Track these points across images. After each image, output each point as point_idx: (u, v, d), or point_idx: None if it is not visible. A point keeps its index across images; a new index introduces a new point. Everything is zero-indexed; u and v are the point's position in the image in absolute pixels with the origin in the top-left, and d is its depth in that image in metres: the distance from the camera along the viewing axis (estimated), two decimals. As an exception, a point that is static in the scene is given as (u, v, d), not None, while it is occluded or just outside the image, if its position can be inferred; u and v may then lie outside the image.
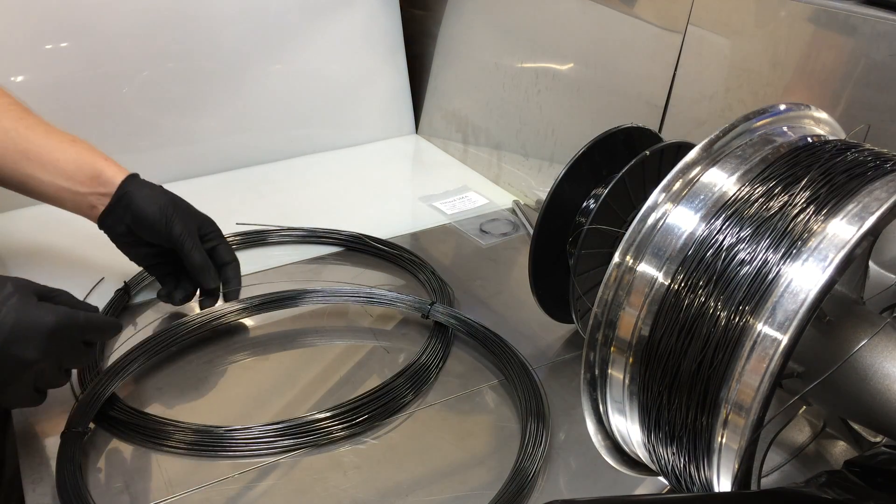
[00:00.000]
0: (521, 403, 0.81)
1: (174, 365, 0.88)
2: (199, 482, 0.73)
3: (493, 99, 1.32)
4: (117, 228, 0.89)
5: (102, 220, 0.90)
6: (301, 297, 0.96)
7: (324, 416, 0.79)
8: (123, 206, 0.88)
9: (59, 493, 0.70)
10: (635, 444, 0.58)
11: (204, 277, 0.90)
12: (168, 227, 0.88)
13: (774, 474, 0.62)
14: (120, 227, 0.89)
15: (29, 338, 0.67)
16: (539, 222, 0.84)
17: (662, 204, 0.54)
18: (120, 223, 0.89)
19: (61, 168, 0.88)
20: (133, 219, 0.88)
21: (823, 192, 0.50)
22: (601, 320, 0.56)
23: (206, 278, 0.90)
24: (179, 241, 0.88)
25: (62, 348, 0.70)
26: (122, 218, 0.88)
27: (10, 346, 0.66)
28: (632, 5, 1.03)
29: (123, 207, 0.88)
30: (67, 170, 0.88)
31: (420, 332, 0.94)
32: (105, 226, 0.90)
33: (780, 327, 0.46)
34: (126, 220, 0.88)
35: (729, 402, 0.48)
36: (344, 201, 1.27)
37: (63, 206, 0.91)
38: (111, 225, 0.90)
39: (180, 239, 0.88)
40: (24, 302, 0.67)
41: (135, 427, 0.77)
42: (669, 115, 0.99)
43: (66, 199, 0.89)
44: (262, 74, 1.33)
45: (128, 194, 0.88)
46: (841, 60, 0.79)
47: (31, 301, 0.68)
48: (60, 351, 0.70)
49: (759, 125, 0.57)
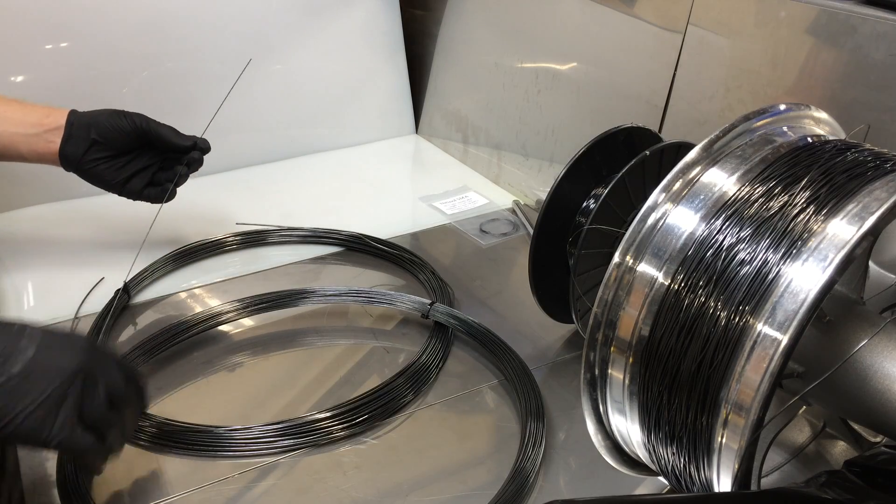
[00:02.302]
0: (521, 404, 0.81)
1: (174, 365, 0.88)
2: (199, 482, 0.73)
3: (493, 99, 1.32)
4: (79, 151, 0.92)
5: (63, 152, 0.92)
6: (301, 297, 0.96)
7: (324, 416, 0.79)
8: (80, 127, 0.92)
9: (60, 493, 0.70)
10: (635, 444, 0.58)
11: (177, 139, 0.96)
12: (125, 118, 0.93)
13: (774, 474, 0.62)
14: (81, 149, 0.92)
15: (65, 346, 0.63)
16: (539, 222, 0.84)
17: (662, 204, 0.54)
18: (81, 143, 0.92)
19: (9, 118, 0.91)
20: (95, 130, 0.92)
21: (823, 192, 0.50)
22: (601, 320, 0.56)
23: (180, 138, 0.96)
24: (144, 125, 0.93)
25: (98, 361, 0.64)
26: (85, 135, 0.92)
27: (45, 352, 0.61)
28: (632, 5, 1.03)
29: (80, 127, 0.92)
30: (15, 118, 0.91)
31: (420, 332, 0.94)
32: (67, 156, 0.92)
33: (780, 327, 0.46)
34: (90, 135, 0.92)
35: (729, 402, 0.48)
36: (344, 201, 1.27)
37: (21, 155, 0.93)
38: (73, 150, 0.92)
39: (143, 123, 0.93)
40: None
41: (135, 427, 0.77)
42: (669, 115, 0.99)
43: (20, 144, 0.92)
44: (262, 74, 1.33)
45: (78, 117, 0.92)
46: (841, 60, 0.79)
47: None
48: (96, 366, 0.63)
49: (759, 125, 0.57)
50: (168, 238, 1.10)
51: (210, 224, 1.15)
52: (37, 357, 0.60)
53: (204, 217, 1.18)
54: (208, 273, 1.05)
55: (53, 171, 0.93)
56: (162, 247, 1.07)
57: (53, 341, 0.62)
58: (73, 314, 0.95)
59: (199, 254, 1.08)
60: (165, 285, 1.02)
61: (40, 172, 1.18)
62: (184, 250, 1.07)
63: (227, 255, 1.09)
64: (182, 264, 1.06)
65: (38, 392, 0.59)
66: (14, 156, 0.93)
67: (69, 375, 0.61)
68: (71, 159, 0.92)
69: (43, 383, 0.60)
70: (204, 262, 1.08)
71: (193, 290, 0.98)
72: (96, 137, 0.92)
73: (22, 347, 0.60)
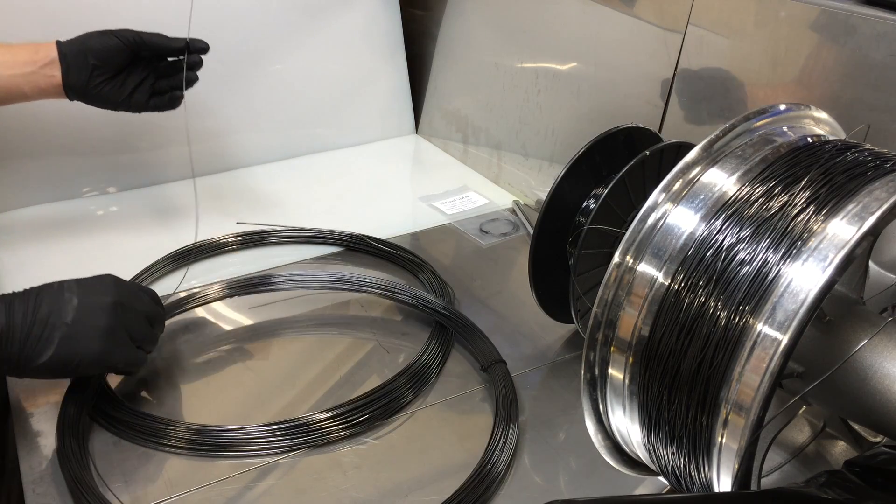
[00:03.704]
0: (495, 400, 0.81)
1: (174, 365, 0.88)
2: (199, 482, 0.73)
3: (493, 99, 1.32)
4: (83, 79, 0.93)
5: (68, 82, 0.93)
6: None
7: (324, 416, 0.79)
8: (76, 55, 0.93)
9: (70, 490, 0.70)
10: (635, 444, 0.58)
11: (169, 42, 0.97)
12: (115, 36, 0.94)
13: (774, 474, 0.62)
14: (84, 77, 0.93)
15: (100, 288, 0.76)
16: (539, 222, 0.84)
17: (662, 204, 0.54)
18: (83, 71, 0.93)
19: (2, 62, 0.92)
20: (92, 54, 0.93)
21: (823, 192, 0.50)
22: (601, 320, 0.56)
23: (170, 41, 0.98)
24: (135, 38, 0.95)
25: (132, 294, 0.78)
26: (84, 62, 0.93)
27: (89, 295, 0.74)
28: (632, 5, 1.03)
29: (76, 56, 0.93)
30: (5, 60, 0.92)
31: (420, 332, 0.93)
32: (72, 86, 0.93)
33: (780, 327, 0.46)
34: (90, 61, 0.93)
35: (729, 402, 0.48)
36: (344, 201, 1.27)
37: (24, 94, 0.94)
38: (77, 80, 0.93)
39: (134, 36, 0.95)
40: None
41: (135, 427, 0.77)
42: (669, 115, 0.99)
43: (22, 84, 0.92)
44: (262, 74, 1.33)
45: (69, 47, 0.93)
46: (841, 60, 0.79)
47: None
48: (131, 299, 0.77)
49: (759, 125, 0.57)
50: (168, 238, 1.10)
51: (210, 224, 1.15)
52: (81, 303, 0.73)
53: (204, 217, 1.18)
54: (208, 273, 1.05)
55: (53, 172, 0.93)
56: (162, 247, 1.07)
57: (88, 286, 0.75)
58: (73, 314, 0.95)
59: (199, 254, 1.08)
60: (165, 285, 1.02)
61: (40, 172, 1.19)
62: (184, 250, 1.07)
63: (227, 255, 1.09)
64: (182, 264, 1.06)
65: (93, 330, 0.72)
66: (17, 96, 0.94)
67: (111, 309, 0.74)
68: (76, 88, 0.94)
69: (94, 321, 0.73)
70: (204, 262, 1.08)
71: (193, 290, 0.98)
72: (95, 62, 0.93)
73: (66, 299, 0.73)
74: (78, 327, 0.72)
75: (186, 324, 0.94)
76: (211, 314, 0.97)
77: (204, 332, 0.94)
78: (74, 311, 0.72)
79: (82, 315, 0.72)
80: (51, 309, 0.71)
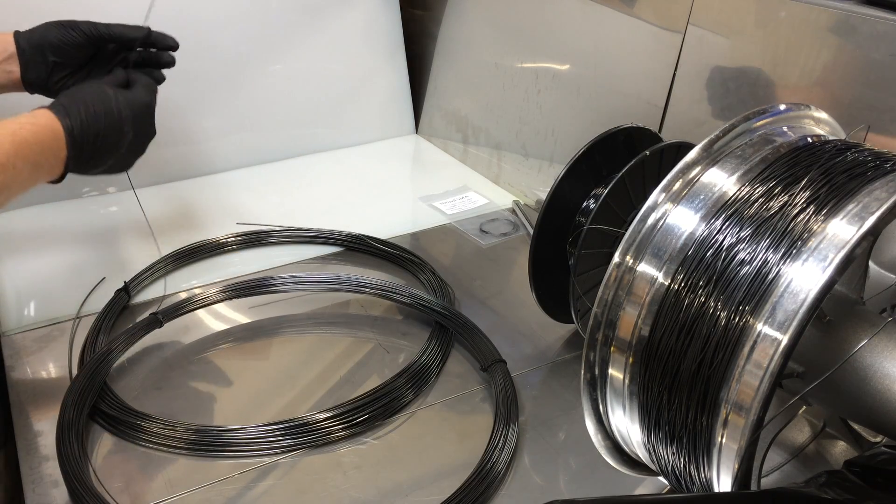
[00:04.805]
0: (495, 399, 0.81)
1: (174, 365, 0.88)
2: (199, 482, 0.73)
3: (493, 99, 1.32)
4: (42, 75, 0.91)
5: (26, 79, 0.91)
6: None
7: (324, 416, 0.79)
8: (33, 50, 0.90)
9: (69, 490, 0.70)
10: (635, 444, 0.58)
11: (130, 32, 0.93)
12: (77, 31, 0.90)
13: (774, 474, 0.62)
14: (43, 73, 0.90)
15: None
16: (539, 222, 0.84)
17: (662, 204, 0.54)
18: (42, 67, 0.90)
19: None
20: (51, 50, 0.90)
21: (823, 192, 0.50)
22: (601, 320, 0.56)
23: (132, 31, 0.93)
24: (95, 31, 0.91)
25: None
26: (43, 58, 0.90)
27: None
28: (632, 5, 1.03)
29: (34, 51, 0.90)
30: None
31: (420, 332, 0.93)
32: (31, 82, 0.91)
33: (780, 327, 0.46)
34: (47, 59, 0.90)
35: (729, 402, 0.48)
36: (344, 201, 1.27)
37: None
38: (36, 76, 0.90)
39: (94, 29, 0.91)
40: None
41: (135, 427, 0.77)
42: (669, 115, 0.99)
43: None
44: (262, 74, 1.33)
45: (28, 40, 0.90)
46: (841, 60, 0.79)
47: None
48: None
49: (759, 125, 0.57)
50: (168, 238, 1.10)
51: (210, 224, 1.15)
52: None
53: (204, 217, 1.18)
54: (208, 273, 1.05)
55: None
56: (162, 247, 1.07)
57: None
58: (74, 314, 0.95)
59: (199, 254, 1.08)
60: (166, 285, 1.02)
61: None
62: (184, 250, 1.07)
63: (227, 255, 1.09)
64: (182, 264, 1.06)
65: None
66: None
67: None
68: (36, 84, 0.92)
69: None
70: (204, 262, 1.08)
71: (194, 290, 0.98)
72: (54, 59, 0.90)
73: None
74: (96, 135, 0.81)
75: (186, 323, 0.94)
76: (211, 314, 0.97)
77: (204, 332, 0.94)
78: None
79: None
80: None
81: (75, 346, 0.89)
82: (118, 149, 0.85)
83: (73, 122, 0.78)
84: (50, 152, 0.77)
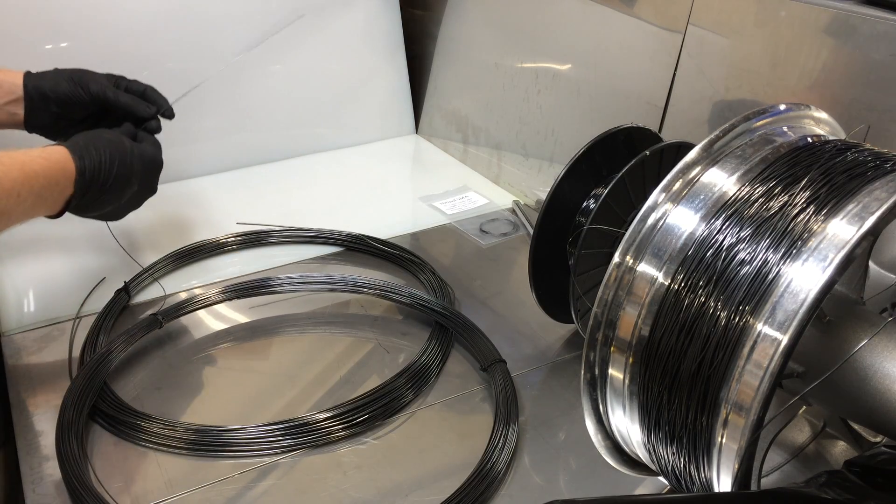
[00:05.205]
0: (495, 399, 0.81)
1: (174, 365, 0.88)
2: (199, 482, 0.73)
3: (493, 99, 1.32)
4: (45, 122, 0.92)
5: (30, 123, 0.92)
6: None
7: (324, 416, 0.79)
8: (40, 98, 0.91)
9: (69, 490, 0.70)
10: (635, 444, 0.58)
11: (138, 110, 0.94)
12: (86, 91, 0.92)
13: (774, 474, 0.62)
14: (46, 121, 0.92)
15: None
16: (539, 222, 0.84)
17: (662, 204, 0.54)
18: (46, 116, 0.92)
19: None
20: (56, 103, 0.91)
21: (823, 192, 0.50)
22: (601, 320, 0.56)
23: (140, 109, 0.94)
24: (103, 96, 0.92)
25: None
26: (47, 108, 0.91)
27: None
28: (632, 5, 1.03)
29: (40, 99, 0.91)
30: None
31: (420, 332, 0.93)
32: (34, 126, 0.93)
33: (780, 327, 0.46)
34: (51, 109, 0.92)
35: (729, 402, 0.48)
36: (344, 201, 1.27)
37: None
38: (39, 122, 0.92)
39: (102, 94, 0.92)
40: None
41: (135, 427, 0.77)
42: (669, 115, 0.99)
43: None
44: (262, 74, 1.33)
45: (36, 88, 0.91)
46: (841, 60, 0.79)
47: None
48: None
49: (759, 125, 0.57)
50: (168, 238, 1.10)
51: (210, 224, 1.15)
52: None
53: (204, 217, 1.18)
54: (208, 273, 1.05)
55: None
56: (162, 247, 1.07)
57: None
58: (74, 314, 0.95)
59: (199, 254, 1.08)
60: (165, 285, 1.02)
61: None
62: (184, 250, 1.07)
63: (227, 255, 1.09)
64: (182, 264, 1.06)
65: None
66: None
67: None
68: (38, 128, 0.93)
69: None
70: (204, 262, 1.08)
71: (194, 291, 0.98)
72: (58, 111, 0.92)
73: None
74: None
75: (186, 323, 0.94)
76: (211, 314, 0.97)
77: (203, 332, 0.94)
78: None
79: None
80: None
81: (75, 346, 0.89)
82: (120, 199, 0.87)
83: (86, 164, 0.80)
84: (57, 188, 0.79)
